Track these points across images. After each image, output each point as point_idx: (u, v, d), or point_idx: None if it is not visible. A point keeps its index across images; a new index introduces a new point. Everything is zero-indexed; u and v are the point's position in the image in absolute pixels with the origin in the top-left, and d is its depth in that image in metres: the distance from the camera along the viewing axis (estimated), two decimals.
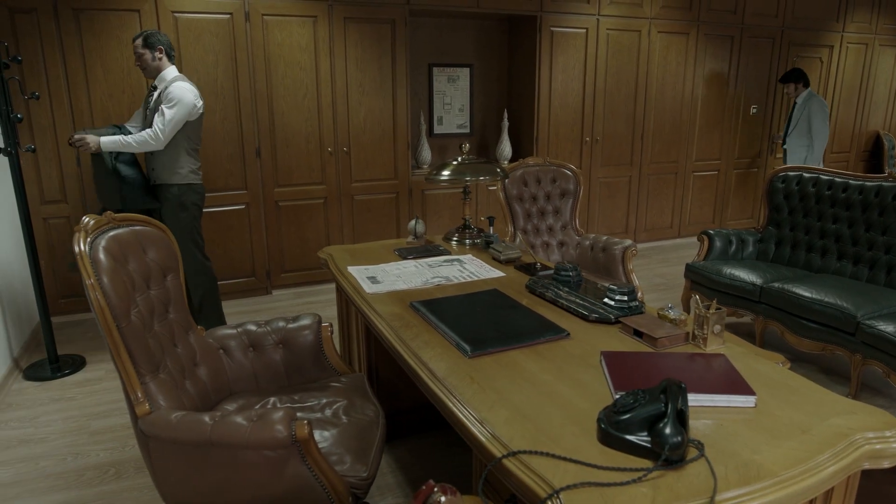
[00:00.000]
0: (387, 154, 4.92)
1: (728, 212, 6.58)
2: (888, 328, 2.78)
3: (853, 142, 7.18)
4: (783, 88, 5.60)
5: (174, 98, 3.29)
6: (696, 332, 1.76)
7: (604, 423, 1.28)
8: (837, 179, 3.64)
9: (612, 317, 1.93)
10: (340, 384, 2.11)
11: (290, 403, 2.00)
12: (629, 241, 3.34)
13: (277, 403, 2.01)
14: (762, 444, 1.26)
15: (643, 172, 6.02)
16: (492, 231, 3.02)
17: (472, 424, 1.37)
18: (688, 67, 5.93)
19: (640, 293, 3.19)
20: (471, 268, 2.57)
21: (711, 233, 3.91)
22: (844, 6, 6.51)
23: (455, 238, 3.02)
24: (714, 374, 1.52)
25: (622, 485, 1.14)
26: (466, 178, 2.86)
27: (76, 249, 1.61)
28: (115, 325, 1.60)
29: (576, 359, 1.68)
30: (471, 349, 1.71)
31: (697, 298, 1.79)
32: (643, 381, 1.48)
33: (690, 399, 1.41)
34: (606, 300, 2.01)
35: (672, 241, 6.34)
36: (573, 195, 3.76)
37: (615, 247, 3.35)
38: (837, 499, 1.34)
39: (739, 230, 4.00)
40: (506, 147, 5.48)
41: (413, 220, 3.04)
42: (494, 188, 5.32)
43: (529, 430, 1.32)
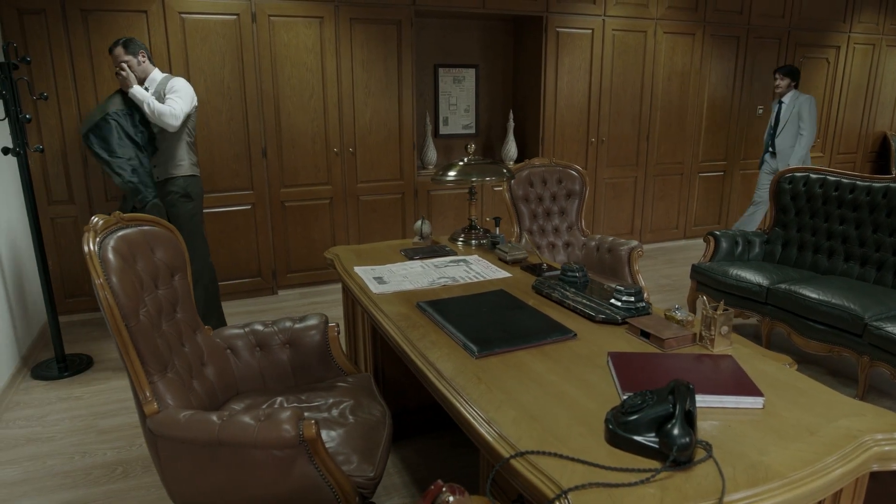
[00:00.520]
0: (392, 155, 4.92)
1: (734, 213, 6.56)
2: None
3: (860, 143, 7.15)
4: (776, 79, 5.29)
5: (180, 88, 3.37)
6: (704, 334, 1.76)
7: (612, 424, 1.28)
8: (844, 180, 3.62)
9: (619, 317, 1.92)
10: (347, 384, 2.12)
11: (297, 403, 2.01)
12: (635, 242, 3.33)
13: (284, 403, 2.01)
14: (770, 446, 1.26)
15: (649, 173, 6.01)
16: (498, 232, 3.02)
17: (480, 424, 1.37)
18: (693, 68, 5.92)
19: (647, 294, 3.19)
20: (477, 268, 2.57)
21: (718, 234, 3.91)
22: (851, 6, 6.49)
23: (461, 238, 3.02)
24: (722, 376, 1.52)
25: (630, 485, 1.14)
26: (472, 179, 2.86)
27: (85, 249, 1.62)
28: (125, 325, 1.60)
29: (583, 359, 1.68)
30: (478, 349, 1.71)
31: (705, 299, 1.79)
32: (650, 382, 1.48)
33: (698, 400, 1.41)
34: (613, 301, 2.01)
35: (678, 242, 6.32)
36: (579, 196, 3.76)
37: (621, 247, 3.35)
38: (846, 501, 1.33)
39: (746, 231, 3.99)
40: (511, 148, 5.48)
41: (419, 221, 3.04)
42: (500, 189, 5.33)
43: (537, 431, 1.32)
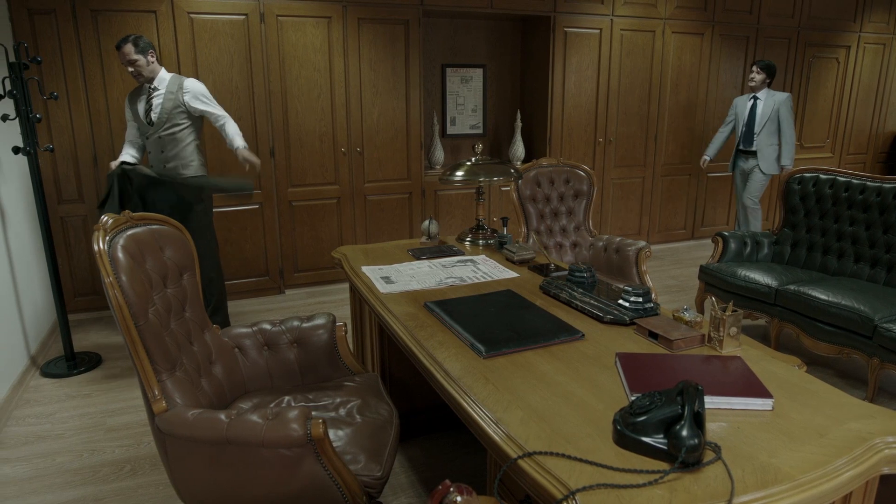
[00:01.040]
0: (400, 154, 4.93)
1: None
2: None
3: (870, 143, 7.10)
4: (752, 72, 5.04)
5: (202, 91, 3.46)
6: (713, 335, 1.75)
7: (620, 425, 1.27)
8: (854, 181, 3.60)
9: (627, 318, 1.92)
10: (354, 383, 2.12)
11: (305, 402, 2.02)
12: (643, 243, 3.32)
13: (292, 402, 2.02)
14: (779, 448, 1.25)
15: (657, 173, 5.99)
16: (505, 232, 3.02)
17: (488, 425, 1.37)
18: (702, 68, 5.90)
19: (655, 295, 3.18)
20: (484, 268, 2.57)
21: (726, 234, 3.89)
22: (861, 6, 6.44)
23: (469, 238, 3.02)
24: (731, 377, 1.51)
25: (638, 487, 1.14)
26: (480, 179, 2.86)
27: (95, 248, 1.62)
28: (134, 323, 1.61)
29: (590, 360, 1.67)
30: (485, 349, 1.71)
31: (714, 300, 1.78)
32: (659, 383, 1.47)
33: (707, 401, 1.41)
34: (621, 301, 2.00)
35: (686, 243, 6.30)
36: (587, 196, 3.75)
37: (629, 248, 3.33)
38: None
39: (754, 232, 3.97)
40: (519, 148, 5.48)
41: (427, 221, 3.04)
42: (508, 189, 5.32)
43: (545, 431, 1.32)
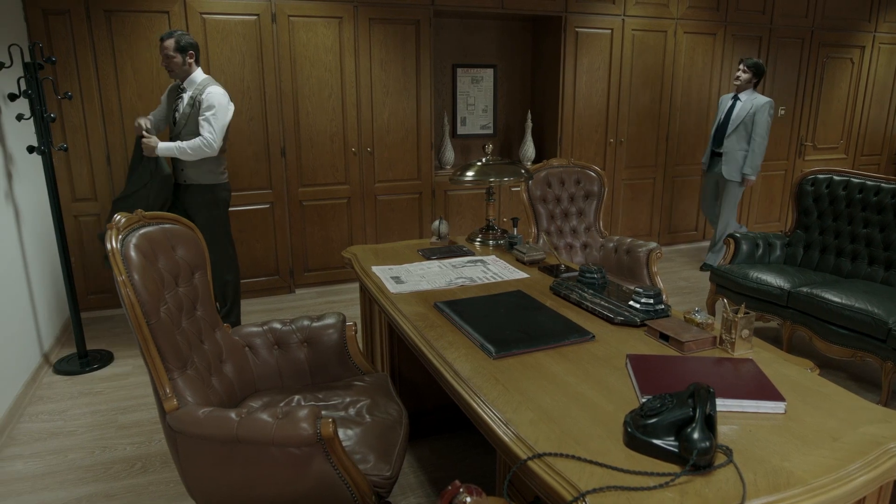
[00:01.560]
0: (410, 154, 4.93)
1: (754, 215, 6.48)
2: None
3: (885, 144, 7.03)
4: (738, 69, 4.84)
5: (213, 105, 3.34)
6: (724, 337, 1.74)
7: (630, 427, 1.27)
8: (869, 182, 3.56)
9: (638, 320, 1.91)
10: (364, 383, 2.12)
11: (315, 402, 2.02)
12: (654, 244, 3.31)
13: (302, 401, 2.02)
14: (792, 452, 1.24)
15: (668, 174, 5.96)
16: (515, 232, 3.01)
17: (497, 426, 1.37)
18: (714, 68, 5.86)
19: (665, 296, 3.16)
20: (494, 269, 2.57)
21: (738, 236, 3.86)
22: (877, 5, 6.38)
23: (479, 239, 3.02)
24: (742, 379, 1.50)
25: (649, 489, 1.13)
26: (490, 180, 2.85)
27: (108, 247, 1.64)
28: (146, 322, 1.62)
29: (601, 361, 1.67)
30: (495, 350, 1.71)
31: (726, 302, 1.77)
32: (670, 385, 1.47)
33: (718, 404, 1.40)
34: (632, 303, 1.99)
35: (697, 245, 6.26)
36: (597, 197, 3.74)
37: (639, 249, 3.32)
38: None
39: (766, 233, 3.94)
40: (529, 148, 5.47)
41: (437, 221, 3.04)
42: (518, 189, 5.31)
43: (554, 433, 1.32)
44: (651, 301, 1.96)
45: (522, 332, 1.83)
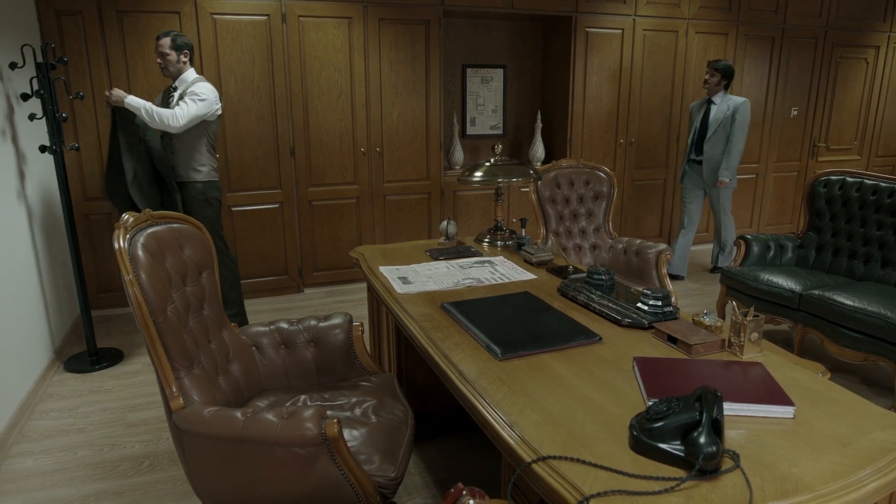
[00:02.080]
0: (419, 155, 4.93)
1: (766, 216, 6.43)
2: None
3: None
4: (706, 73, 4.70)
5: (204, 95, 3.39)
6: (733, 340, 1.72)
7: (636, 431, 1.26)
8: (883, 184, 3.52)
9: (646, 322, 1.89)
10: (370, 383, 2.12)
11: (321, 402, 2.02)
12: (663, 245, 3.28)
13: (308, 401, 2.02)
14: (800, 457, 1.23)
15: (678, 175, 5.91)
16: (524, 233, 3.00)
17: (502, 428, 1.36)
18: None
19: (675, 298, 3.14)
20: (502, 270, 2.56)
21: (749, 237, 3.83)
22: (892, 5, 6.30)
23: (487, 239, 3.01)
24: (751, 383, 1.49)
25: (654, 494, 1.12)
26: (499, 180, 2.84)
27: (116, 246, 1.65)
28: (152, 321, 1.63)
29: (608, 364, 1.66)
30: (501, 351, 1.70)
31: (734, 305, 1.75)
32: (677, 389, 1.45)
33: (726, 408, 1.38)
34: (640, 305, 1.98)
35: (708, 246, 6.21)
36: (607, 197, 3.72)
37: (649, 251, 3.30)
38: None
39: (778, 235, 3.90)
40: (539, 148, 5.45)
41: (445, 221, 3.04)
42: (527, 190, 5.29)
43: (560, 435, 1.31)
44: (659, 303, 1.94)
45: (529, 334, 1.82)
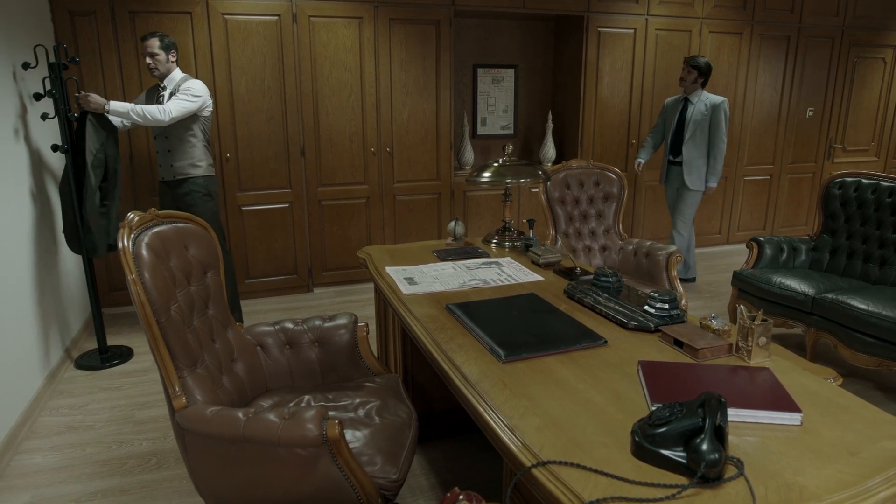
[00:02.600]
0: (429, 155, 4.92)
1: (780, 218, 6.35)
2: None
3: None
4: (684, 72, 4.53)
5: (198, 92, 3.46)
6: (740, 344, 1.70)
7: (638, 436, 1.24)
8: None
9: (652, 325, 1.87)
10: (375, 384, 2.12)
11: (324, 402, 2.02)
12: (674, 247, 3.25)
13: (311, 401, 2.02)
14: (806, 465, 1.20)
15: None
16: (532, 234, 2.98)
17: (503, 431, 1.35)
18: (741, 69, 5.75)
19: (684, 301, 3.10)
20: (509, 271, 2.54)
21: (762, 240, 3.78)
22: None
23: (494, 240, 2.99)
24: (757, 389, 1.46)
25: (655, 501, 1.10)
26: (507, 180, 2.83)
27: (120, 245, 1.65)
28: (155, 320, 1.63)
29: (612, 367, 1.64)
30: (504, 354, 1.68)
31: (742, 308, 1.72)
32: (682, 394, 1.43)
33: (731, 414, 1.36)
34: (647, 308, 1.95)
35: (720, 248, 6.15)
36: (617, 199, 3.69)
37: (659, 252, 3.26)
38: None
39: (791, 238, 3.85)
40: (549, 149, 5.42)
41: (452, 222, 3.02)
42: (536, 190, 5.27)
43: (561, 440, 1.29)
44: (666, 306, 1.92)
45: (533, 336, 1.80)
